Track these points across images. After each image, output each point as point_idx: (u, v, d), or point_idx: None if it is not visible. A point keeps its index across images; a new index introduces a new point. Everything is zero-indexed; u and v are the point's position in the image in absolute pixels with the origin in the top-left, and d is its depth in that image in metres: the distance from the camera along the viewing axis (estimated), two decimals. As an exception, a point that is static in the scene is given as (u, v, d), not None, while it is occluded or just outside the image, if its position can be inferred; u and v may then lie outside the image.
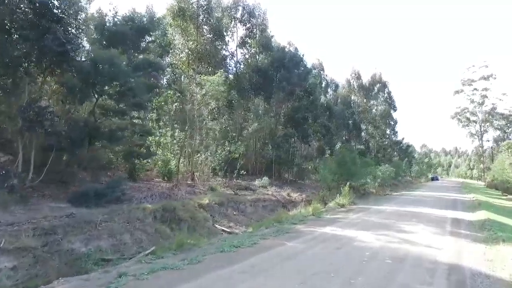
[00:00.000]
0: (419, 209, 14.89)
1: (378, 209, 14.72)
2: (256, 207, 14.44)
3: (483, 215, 13.05)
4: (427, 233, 9.13)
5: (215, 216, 11.87)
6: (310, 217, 12.10)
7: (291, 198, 17.27)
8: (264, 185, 20.22)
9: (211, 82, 14.12)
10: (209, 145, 18.16)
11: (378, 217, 12.01)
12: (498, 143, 62.36)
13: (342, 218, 11.91)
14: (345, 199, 16.56)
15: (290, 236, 8.54)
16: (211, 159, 19.40)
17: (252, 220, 12.78)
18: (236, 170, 20.32)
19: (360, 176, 24.22)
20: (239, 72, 27.14)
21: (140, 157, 13.34)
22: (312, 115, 25.43)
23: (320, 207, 14.59)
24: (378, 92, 53.11)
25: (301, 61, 25.39)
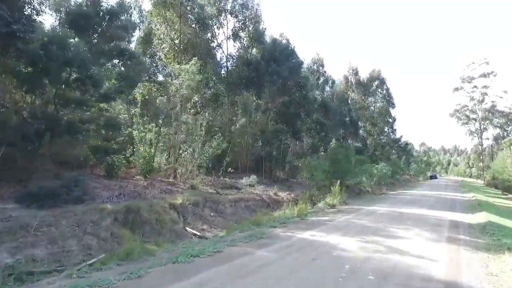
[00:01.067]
0: (415, 210, 13.78)
1: (370, 210, 13.61)
2: (237, 208, 13.30)
3: (484, 217, 11.94)
4: (421, 240, 8.00)
5: (187, 218, 10.73)
6: (293, 219, 11.01)
7: (278, 198, 16.14)
8: (251, 183, 19.09)
9: (186, 71, 12.92)
10: (193, 141, 16.99)
11: (368, 220, 10.89)
12: (498, 141, 61.43)
13: (329, 220, 10.80)
14: (336, 199, 15.46)
15: (262, 243, 7.43)
16: (195, 156, 18.26)
17: (231, 222, 11.64)
18: (223, 167, 19.20)
19: (355, 174, 23.14)
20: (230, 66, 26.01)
21: (110, 153, 12.15)
22: (304, 111, 24.26)
23: (307, 208, 13.48)
24: (376, 88, 51.99)
25: (292, 53, 24.17)
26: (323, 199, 15.88)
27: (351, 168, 21.83)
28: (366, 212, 13.06)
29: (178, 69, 13.13)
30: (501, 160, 29.30)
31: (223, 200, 13.27)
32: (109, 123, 11.37)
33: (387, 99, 51.80)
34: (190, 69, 12.81)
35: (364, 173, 25.26)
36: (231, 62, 26.32)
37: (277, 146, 22.83)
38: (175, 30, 18.44)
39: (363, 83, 51.00)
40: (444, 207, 15.43)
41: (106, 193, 11.10)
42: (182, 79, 12.87)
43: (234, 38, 26.14)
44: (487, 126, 64.94)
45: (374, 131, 50.40)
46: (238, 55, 25.99)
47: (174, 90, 13.35)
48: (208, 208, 12.31)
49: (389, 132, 55.07)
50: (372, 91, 51.78)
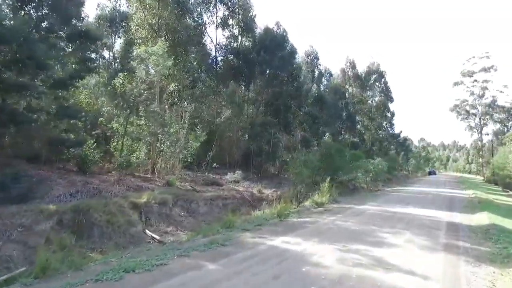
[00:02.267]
0: (410, 210, 12.53)
1: (361, 210, 12.35)
2: (213, 207, 12.06)
3: (486, 218, 10.70)
4: (414, 248, 6.74)
5: (151, 219, 9.49)
6: (272, 220, 9.75)
7: (261, 195, 14.91)
8: (236, 179, 17.88)
9: (153, 54, 11.55)
10: (170, 133, 15.68)
11: (356, 221, 9.63)
12: (498, 137, 60.23)
13: (311, 222, 9.53)
14: (325, 197, 14.19)
15: (221, 252, 6.17)
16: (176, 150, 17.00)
17: (202, 223, 10.42)
18: (205, 162, 17.99)
19: (348, 170, 21.90)
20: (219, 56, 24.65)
21: (69, 146, 10.86)
22: (296, 103, 22.92)
23: (290, 207, 12.23)
24: (375, 82, 50.60)
25: (284, 41, 22.77)
26: (311, 197, 14.64)
27: (344, 164, 20.57)
28: (355, 212, 11.80)
29: (144, 51, 11.75)
30: (502, 155, 28.06)
31: (198, 198, 12.04)
32: (64, 112, 10.02)
33: (385, 93, 50.45)
34: (157, 51, 11.41)
35: (359, 168, 24.01)
36: (220, 52, 24.97)
37: (267, 140, 21.57)
38: (152, 14, 17.01)
39: (361, 76, 49.60)
40: (442, 206, 14.18)
41: (63, 191, 9.87)
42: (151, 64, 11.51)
43: (223, 26, 24.76)
44: (487, 122, 63.64)
45: (372, 125, 49.10)
46: (227, 44, 24.63)
47: (142, 76, 11.99)
48: (179, 207, 11.08)
49: (388, 127, 53.83)
50: (370, 85, 50.42)
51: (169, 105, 15.50)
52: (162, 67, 11.81)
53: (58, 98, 10.58)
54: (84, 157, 13.98)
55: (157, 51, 11.50)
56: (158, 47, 11.81)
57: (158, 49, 11.61)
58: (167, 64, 12.18)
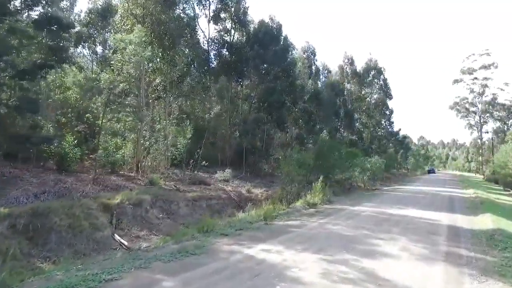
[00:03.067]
0: (407, 211, 11.69)
1: (355, 211, 11.51)
2: (195, 208, 11.22)
3: (489, 220, 9.87)
4: (410, 258, 5.90)
5: (123, 222, 8.64)
6: (256, 224, 8.91)
7: (250, 195, 14.08)
8: (225, 178, 17.06)
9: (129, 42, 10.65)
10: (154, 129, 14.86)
11: (347, 225, 8.79)
12: (498, 135, 59.48)
13: (298, 226, 8.69)
14: (317, 197, 13.36)
15: (187, 263, 5.35)
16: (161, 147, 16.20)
17: (181, 226, 9.58)
18: (192, 160, 17.15)
19: (345, 168, 21.07)
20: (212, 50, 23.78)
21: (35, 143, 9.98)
22: (290, 99, 22.04)
23: (278, 209, 11.40)
24: (373, 79, 49.73)
25: (279, 35, 21.86)
26: (304, 196, 13.79)
27: (340, 162, 19.73)
28: (348, 213, 10.96)
29: (119, 40, 10.83)
30: (504, 154, 27.23)
31: (180, 198, 11.20)
32: (27, 106, 9.13)
33: (384, 90, 49.62)
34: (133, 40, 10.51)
35: (356, 167, 23.19)
36: (212, 46, 24.08)
37: (260, 137, 20.72)
38: (137, 4, 16.09)
39: (359, 73, 48.74)
40: (442, 207, 13.36)
41: (31, 190, 9.04)
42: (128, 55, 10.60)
43: (215, 20, 23.87)
44: (487, 119, 62.90)
45: (370, 123, 48.29)
46: (219, 38, 23.73)
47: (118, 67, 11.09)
48: (157, 209, 10.24)
49: (386, 125, 53.01)
50: (369, 82, 49.56)
51: (154, 100, 14.61)
52: (141, 57, 10.91)
53: (23, 89, 9.67)
54: (64, 155, 13.17)
55: (133, 40, 10.60)
56: (134, 35, 10.90)
57: (134, 38, 10.71)
58: (146, 55, 11.28)
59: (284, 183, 14.06)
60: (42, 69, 9.54)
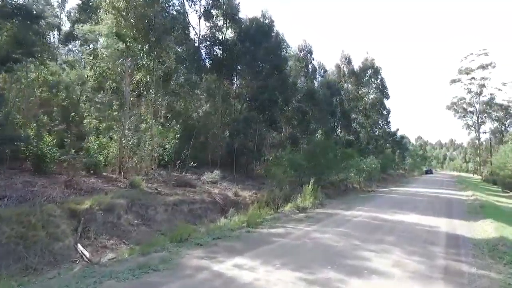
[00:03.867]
0: (403, 216, 10.94)
1: (347, 216, 10.75)
2: (175, 213, 10.40)
3: (491, 227, 9.13)
4: (402, 276, 5.13)
5: (90, 229, 7.82)
6: (238, 231, 8.17)
7: (237, 198, 13.27)
8: (214, 180, 16.25)
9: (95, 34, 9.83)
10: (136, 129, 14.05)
11: (337, 233, 8.02)
12: (496, 135, 59.08)
13: (283, 234, 7.91)
14: (308, 201, 12.61)
15: (144, 283, 4.61)
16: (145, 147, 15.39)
17: (158, 233, 8.77)
18: (180, 161, 16.40)
19: (339, 169, 20.35)
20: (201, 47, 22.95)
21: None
22: (283, 97, 21.26)
23: (267, 213, 10.65)
24: (370, 78, 49.07)
25: (270, 30, 21.07)
26: (295, 200, 13.02)
27: (334, 163, 19.00)
28: (339, 219, 10.19)
29: (88, 31, 10.00)
30: (503, 154, 26.59)
31: (159, 202, 10.38)
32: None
33: (380, 89, 48.95)
34: (101, 31, 9.69)
35: (351, 168, 22.49)
36: (203, 44, 23.27)
37: (252, 137, 19.92)
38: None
39: (356, 72, 48.07)
40: (439, 211, 12.61)
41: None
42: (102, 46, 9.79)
43: (206, 16, 23.06)
44: (485, 120, 62.58)
45: (367, 123, 47.58)
46: (211, 35, 22.92)
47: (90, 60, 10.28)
48: (132, 214, 9.42)
49: (384, 125, 52.34)
50: (366, 81, 48.89)
51: (136, 97, 13.79)
52: (113, 50, 10.09)
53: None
54: (41, 155, 12.39)
55: (101, 31, 9.78)
56: (103, 26, 10.08)
57: (103, 28, 9.89)
58: (119, 47, 10.44)
59: (272, 186, 13.27)
60: (5, 63, 8.73)
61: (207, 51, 22.96)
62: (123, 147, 15.06)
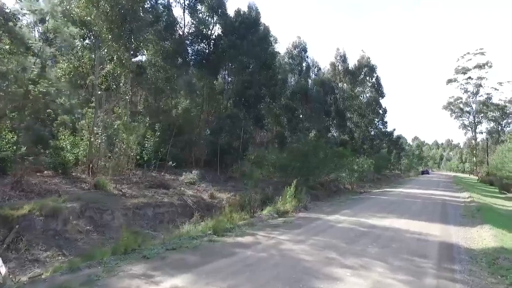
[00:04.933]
0: (392, 221, 9.86)
1: (330, 222, 9.65)
2: (136, 217, 9.26)
3: (490, 235, 8.07)
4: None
5: (23, 239, 6.67)
6: (199, 240, 7.07)
7: (213, 201, 12.13)
8: (192, 180, 15.12)
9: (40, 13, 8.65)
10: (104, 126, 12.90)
11: (313, 244, 6.92)
12: (492, 135, 58.45)
13: (249, 244, 6.80)
14: (289, 204, 11.51)
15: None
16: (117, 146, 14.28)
17: (111, 241, 7.62)
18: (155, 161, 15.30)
19: (329, 170, 19.28)
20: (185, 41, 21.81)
21: None
22: (270, 94, 20.16)
23: (240, 218, 9.54)
24: (365, 77, 48.11)
25: (256, 24, 19.95)
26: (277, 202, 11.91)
27: (324, 163, 17.91)
28: (320, 225, 9.09)
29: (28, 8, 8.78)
30: (500, 154, 25.65)
31: (118, 206, 9.22)
32: None
33: (376, 88, 47.98)
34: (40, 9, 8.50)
35: (343, 168, 21.42)
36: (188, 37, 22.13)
37: (237, 135, 18.82)
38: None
39: (352, 71, 47.07)
40: (433, 215, 11.55)
41: None
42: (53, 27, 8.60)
43: (191, 11, 21.92)
44: (481, 120, 62.02)
45: (362, 122, 46.57)
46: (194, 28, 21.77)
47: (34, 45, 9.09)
48: (85, 220, 8.29)
49: (379, 125, 51.39)
50: (361, 80, 47.92)
51: (103, 91, 12.62)
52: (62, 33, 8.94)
53: None
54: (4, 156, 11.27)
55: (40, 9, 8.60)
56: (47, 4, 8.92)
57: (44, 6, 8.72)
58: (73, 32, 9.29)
59: (248, 187, 12.17)
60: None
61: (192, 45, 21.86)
62: (93, 146, 13.94)
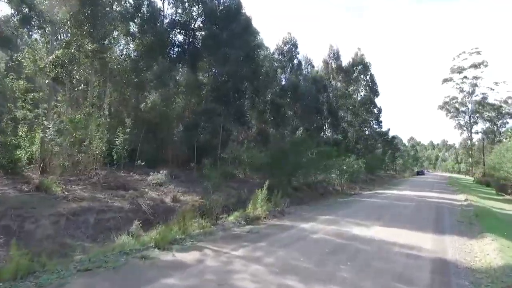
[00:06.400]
0: (377, 230, 8.39)
1: (304, 231, 8.14)
2: (71, 225, 7.70)
3: (494, 250, 6.60)
4: None
5: None
6: (129, 256, 5.53)
7: (175, 205, 10.57)
8: (160, 181, 13.59)
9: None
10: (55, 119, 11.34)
11: (270, 262, 5.41)
12: (488, 136, 57.52)
13: (188, 263, 5.28)
14: (262, 208, 10.01)
15: None
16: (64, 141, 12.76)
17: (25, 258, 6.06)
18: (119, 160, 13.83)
19: (316, 170, 17.84)
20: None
21: None
22: (253, 88, 18.65)
23: (199, 226, 8.02)
24: (359, 75, 46.81)
25: (238, 12, 18.44)
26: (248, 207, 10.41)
27: (309, 163, 16.45)
28: (291, 235, 7.58)
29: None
30: (498, 154, 24.40)
31: (47, 212, 7.65)
32: None
33: (370, 86, 46.69)
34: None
35: (331, 168, 19.99)
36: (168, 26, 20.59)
37: (216, 132, 17.30)
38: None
39: (345, 68, 45.79)
40: (426, 222, 10.10)
41: None
42: None
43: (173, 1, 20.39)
44: (477, 120, 61.16)
45: (356, 121, 45.22)
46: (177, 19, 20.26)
47: None
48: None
49: (374, 124, 50.14)
50: (355, 78, 46.63)
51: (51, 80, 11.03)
52: None
53: None
54: None
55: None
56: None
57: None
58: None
59: (209, 189, 10.66)
60: None
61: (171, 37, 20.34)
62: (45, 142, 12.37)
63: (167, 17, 20.23)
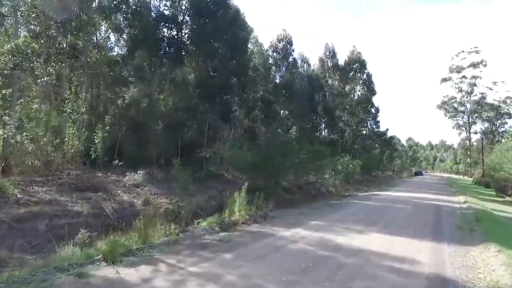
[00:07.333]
0: (366, 239, 7.43)
1: (283, 239, 7.17)
2: (15, 233, 6.69)
3: (500, 263, 5.65)
4: None
5: None
6: (64, 274, 4.59)
7: (145, 208, 9.58)
8: (137, 182, 12.63)
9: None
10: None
11: (229, 284, 4.44)
12: (487, 136, 56.77)
13: (128, 285, 4.30)
14: (241, 212, 9.04)
15: None
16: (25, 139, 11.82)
17: None
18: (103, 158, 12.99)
19: (307, 170, 16.88)
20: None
21: None
22: (241, 84, 17.69)
23: (165, 232, 7.06)
24: (356, 73, 45.92)
25: (225, 4, 17.45)
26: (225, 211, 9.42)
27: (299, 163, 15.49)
28: (266, 246, 6.60)
29: None
30: (499, 154, 23.51)
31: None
32: None
33: (367, 84, 45.81)
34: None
35: (324, 169, 19.05)
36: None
37: (201, 130, 16.34)
38: None
39: (341, 67, 44.92)
40: (423, 228, 9.14)
41: None
42: None
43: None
44: (476, 120, 60.51)
45: (353, 121, 44.29)
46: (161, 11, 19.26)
47: None
48: None
49: (372, 124, 49.27)
50: (351, 76, 45.76)
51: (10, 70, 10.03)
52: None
53: None
54: None
55: None
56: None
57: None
58: None
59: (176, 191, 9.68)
60: None
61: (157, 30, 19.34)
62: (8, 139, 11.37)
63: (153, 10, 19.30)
